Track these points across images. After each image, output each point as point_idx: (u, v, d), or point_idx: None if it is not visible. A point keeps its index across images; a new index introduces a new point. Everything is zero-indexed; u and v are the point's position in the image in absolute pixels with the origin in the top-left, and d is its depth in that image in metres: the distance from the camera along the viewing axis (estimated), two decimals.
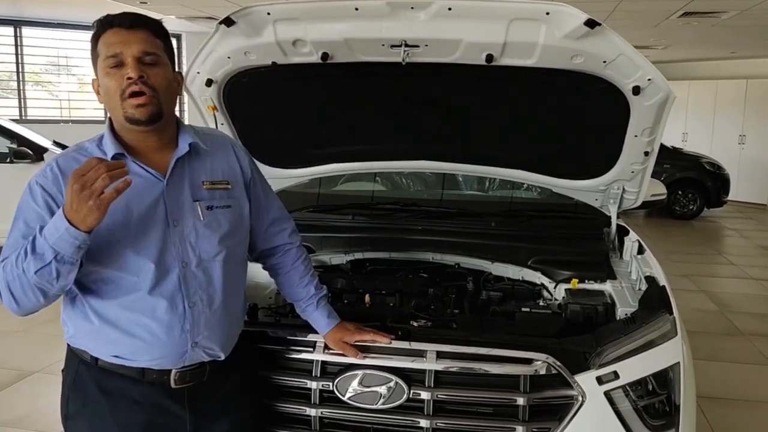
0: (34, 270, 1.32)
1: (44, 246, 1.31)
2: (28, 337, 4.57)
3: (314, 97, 2.56)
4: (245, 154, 1.73)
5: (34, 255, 1.32)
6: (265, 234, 1.79)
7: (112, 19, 1.45)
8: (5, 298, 1.40)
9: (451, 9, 1.98)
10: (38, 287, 1.35)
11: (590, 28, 1.91)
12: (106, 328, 1.49)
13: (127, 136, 1.51)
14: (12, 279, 1.36)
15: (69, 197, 1.28)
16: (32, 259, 1.32)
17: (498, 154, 2.69)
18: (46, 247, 1.31)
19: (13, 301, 1.39)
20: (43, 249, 1.32)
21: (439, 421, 1.78)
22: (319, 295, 1.84)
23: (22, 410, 3.43)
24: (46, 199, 1.42)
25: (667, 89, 2.11)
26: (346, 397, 1.80)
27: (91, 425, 1.54)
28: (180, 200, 1.52)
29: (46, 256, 1.31)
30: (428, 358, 1.79)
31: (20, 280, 1.35)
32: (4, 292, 1.39)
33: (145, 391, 1.53)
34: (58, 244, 1.31)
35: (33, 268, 1.32)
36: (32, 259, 1.32)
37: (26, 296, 1.38)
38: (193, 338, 1.53)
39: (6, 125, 6.72)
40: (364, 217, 2.83)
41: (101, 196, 1.27)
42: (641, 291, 2.24)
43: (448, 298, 2.38)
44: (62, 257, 1.32)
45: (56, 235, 1.30)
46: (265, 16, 2.07)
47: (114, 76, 1.43)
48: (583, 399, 1.76)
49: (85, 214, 1.27)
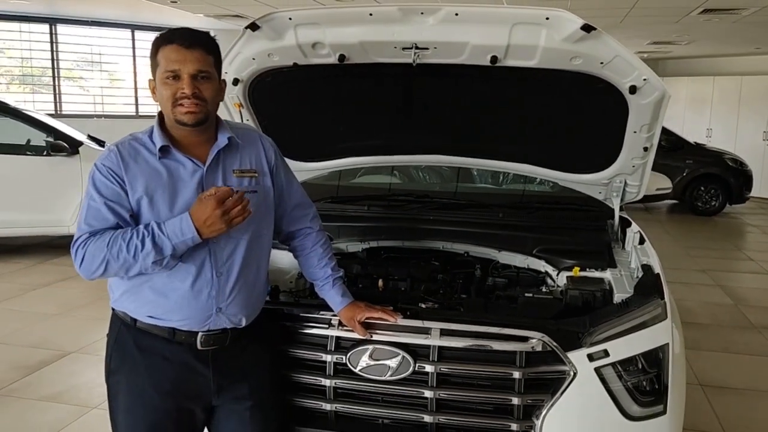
0: (152, 260, 1.62)
1: (166, 243, 1.62)
2: (66, 319, 4.84)
3: (332, 95, 2.74)
4: (271, 145, 1.94)
5: (154, 248, 1.61)
6: (288, 217, 2.00)
7: (172, 36, 1.68)
8: (93, 267, 1.64)
9: (457, 14, 2.14)
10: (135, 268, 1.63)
11: (586, 32, 2.06)
12: (145, 290, 1.72)
13: (174, 131, 1.74)
14: (114, 258, 1.62)
15: (207, 215, 1.60)
16: (152, 251, 1.61)
17: (505, 149, 2.84)
18: (167, 244, 1.62)
19: (102, 272, 1.64)
20: (164, 245, 1.62)
21: (441, 392, 1.95)
22: (334, 276, 2.02)
23: (62, 386, 3.68)
24: (114, 177, 1.67)
25: (662, 89, 2.24)
26: (358, 369, 1.98)
27: (128, 379, 1.76)
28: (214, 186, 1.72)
29: (165, 251, 1.62)
30: (432, 335, 1.97)
31: (125, 261, 1.62)
32: (99, 264, 1.63)
33: (174, 349, 1.75)
34: (179, 245, 1.63)
35: (151, 258, 1.62)
36: (152, 251, 1.61)
37: (117, 271, 1.65)
38: (217, 304, 1.74)
39: (43, 119, 6.99)
40: (379, 208, 3.00)
41: (234, 219, 1.62)
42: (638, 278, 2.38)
43: (456, 283, 2.55)
44: (176, 253, 1.64)
45: (181, 239, 1.62)
46: (287, 21, 2.26)
47: (170, 86, 1.67)
48: (575, 374, 1.91)
49: (216, 229, 1.63)
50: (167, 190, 1.69)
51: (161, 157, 1.71)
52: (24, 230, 6.69)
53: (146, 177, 1.68)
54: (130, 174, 1.67)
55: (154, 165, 1.70)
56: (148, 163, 1.70)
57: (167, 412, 1.75)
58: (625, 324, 2.01)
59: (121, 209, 1.67)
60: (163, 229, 1.63)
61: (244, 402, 1.84)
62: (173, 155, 1.72)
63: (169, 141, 1.72)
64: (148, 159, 1.70)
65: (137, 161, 1.69)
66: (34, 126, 6.69)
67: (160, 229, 1.63)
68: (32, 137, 6.67)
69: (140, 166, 1.69)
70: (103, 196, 1.66)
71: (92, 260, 1.63)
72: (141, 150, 1.71)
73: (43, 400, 3.52)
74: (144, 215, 1.68)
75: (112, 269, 1.64)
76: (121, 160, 1.68)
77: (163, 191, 1.68)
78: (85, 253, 1.63)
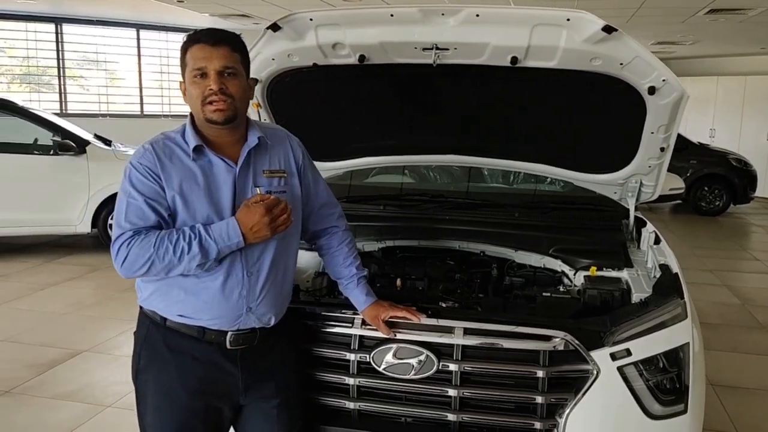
0: (197, 263, 1.65)
1: (212, 246, 1.65)
2: (76, 319, 4.86)
3: (350, 95, 2.76)
4: (298, 145, 1.96)
5: (201, 250, 1.64)
6: (315, 217, 2.01)
7: (199, 36, 1.71)
8: (136, 267, 1.64)
9: (478, 15, 2.16)
10: (178, 269, 1.66)
11: (607, 33, 2.07)
12: (175, 289, 1.73)
13: (206, 131, 1.76)
14: (160, 259, 1.63)
15: (255, 222, 1.66)
16: (198, 253, 1.64)
17: (522, 149, 2.86)
18: (213, 248, 1.65)
19: (145, 272, 1.65)
20: (210, 248, 1.65)
21: (465, 390, 1.96)
22: (359, 275, 2.04)
23: (75, 385, 3.70)
24: (152, 176, 1.69)
25: (681, 89, 2.25)
26: (382, 368, 1.99)
27: (157, 378, 1.78)
28: (245, 186, 1.76)
29: (211, 254, 1.66)
30: (456, 334, 1.98)
31: (170, 263, 1.64)
32: (142, 263, 1.64)
33: (204, 349, 1.76)
34: (224, 249, 1.67)
35: (196, 261, 1.65)
36: (198, 254, 1.64)
37: (159, 272, 1.66)
38: (248, 304, 1.76)
39: (51, 118, 6.99)
40: (394, 208, 3.02)
41: (279, 227, 1.68)
42: (655, 278, 2.39)
43: (474, 283, 2.56)
44: (219, 257, 1.68)
45: (227, 243, 1.66)
46: (307, 22, 2.27)
47: (198, 85, 1.69)
48: (598, 373, 1.93)
49: (261, 236, 1.68)
50: (202, 191, 1.71)
51: (194, 158, 1.72)
52: (31, 229, 6.70)
53: (181, 176, 1.70)
54: (165, 173, 1.69)
55: (188, 165, 1.72)
56: (183, 163, 1.72)
57: (196, 411, 1.76)
58: (646, 323, 2.02)
59: (160, 207, 1.68)
60: (210, 233, 1.65)
61: (271, 400, 1.85)
62: (206, 155, 1.74)
63: (202, 141, 1.74)
64: (182, 158, 1.72)
65: (172, 160, 1.71)
66: (42, 125, 6.70)
67: (207, 232, 1.65)
68: (39, 136, 6.68)
69: (175, 165, 1.71)
70: (143, 194, 1.68)
71: (136, 260, 1.64)
72: (175, 149, 1.73)
73: (57, 398, 3.54)
74: (180, 215, 1.70)
75: (154, 270, 1.65)
76: (158, 159, 1.70)
77: (199, 191, 1.70)
78: (129, 253, 1.64)
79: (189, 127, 1.75)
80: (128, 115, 11.23)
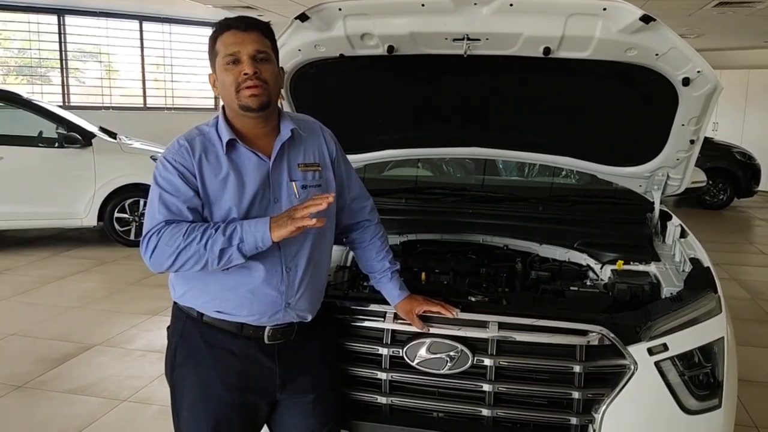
0: (220, 247, 1.57)
1: (237, 232, 1.58)
2: (85, 312, 4.83)
3: (375, 87, 2.72)
4: (331, 137, 1.91)
5: (224, 235, 1.57)
6: (347, 210, 1.97)
7: (230, 22, 1.68)
8: (165, 257, 1.59)
9: (512, 5, 2.11)
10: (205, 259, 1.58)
11: (645, 23, 2.04)
12: (213, 285, 1.70)
13: (239, 123, 1.71)
14: (184, 248, 1.57)
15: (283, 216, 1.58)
16: (222, 237, 1.57)
17: (548, 141, 2.82)
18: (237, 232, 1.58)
19: (172, 262, 1.60)
20: (234, 233, 1.58)
21: (500, 385, 1.94)
22: (392, 269, 2.01)
23: (89, 379, 3.67)
24: (186, 172, 1.65)
25: (715, 81, 2.23)
26: (415, 362, 1.97)
27: (195, 373, 1.75)
28: (280, 180, 1.72)
29: (234, 240, 1.58)
30: (491, 329, 1.95)
31: (196, 251, 1.57)
32: (170, 253, 1.58)
33: (241, 344, 1.73)
34: (248, 239, 1.58)
35: (220, 245, 1.57)
36: (221, 238, 1.57)
37: (185, 263, 1.59)
38: (287, 299, 1.73)
39: (56, 111, 6.94)
40: (416, 201, 2.98)
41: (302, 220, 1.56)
42: (685, 272, 2.37)
43: (500, 277, 2.54)
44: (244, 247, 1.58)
45: (253, 231, 1.58)
46: (336, 12, 2.23)
47: (231, 71, 1.65)
48: (635, 368, 1.90)
49: (284, 226, 1.56)
50: (235, 185, 1.67)
51: (227, 152, 1.69)
52: (37, 222, 6.66)
53: (215, 172, 1.67)
54: (199, 169, 1.66)
55: (222, 159, 1.68)
56: (217, 158, 1.68)
57: (233, 406, 1.73)
58: (682, 318, 2.00)
59: (193, 203, 1.65)
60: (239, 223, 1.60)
61: (306, 395, 1.82)
62: (238, 150, 1.70)
63: (235, 134, 1.70)
64: (216, 153, 1.69)
65: (207, 156, 1.67)
66: (47, 117, 6.64)
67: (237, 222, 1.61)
68: (44, 129, 6.62)
69: (210, 160, 1.67)
70: (176, 191, 1.64)
71: (165, 249, 1.59)
72: (208, 145, 1.69)
73: (71, 392, 3.51)
74: (213, 210, 1.66)
75: (182, 258, 1.59)
76: (192, 156, 1.66)
77: (231, 186, 1.67)
78: (159, 242, 1.59)
79: (222, 120, 1.71)
80: (131, 107, 11.15)
